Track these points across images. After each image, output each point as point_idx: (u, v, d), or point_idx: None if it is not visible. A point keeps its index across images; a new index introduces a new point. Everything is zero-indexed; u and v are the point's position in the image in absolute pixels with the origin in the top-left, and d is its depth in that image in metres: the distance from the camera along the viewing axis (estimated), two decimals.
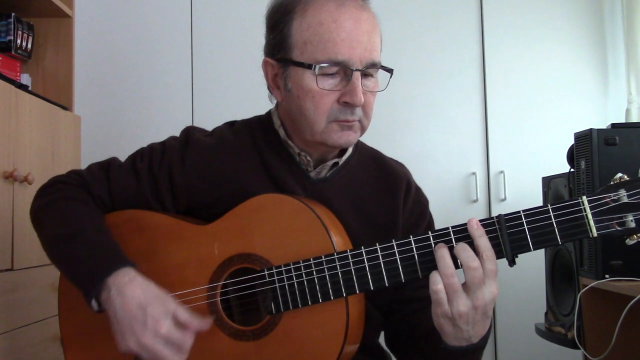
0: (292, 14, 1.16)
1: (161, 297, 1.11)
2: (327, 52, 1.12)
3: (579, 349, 1.91)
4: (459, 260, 1.01)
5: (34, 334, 1.90)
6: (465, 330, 1.02)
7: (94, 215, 1.23)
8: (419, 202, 1.31)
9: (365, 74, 1.15)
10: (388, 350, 1.34)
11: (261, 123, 1.29)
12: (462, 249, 1.01)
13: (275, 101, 1.28)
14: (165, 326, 1.08)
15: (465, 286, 1.01)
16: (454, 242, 1.03)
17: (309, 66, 1.13)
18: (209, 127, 1.33)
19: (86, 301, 1.13)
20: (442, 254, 1.01)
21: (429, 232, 1.05)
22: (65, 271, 1.21)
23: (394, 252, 1.06)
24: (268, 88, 1.25)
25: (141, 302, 1.09)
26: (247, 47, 1.39)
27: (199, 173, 1.24)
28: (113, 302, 1.10)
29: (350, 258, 1.07)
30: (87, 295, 1.13)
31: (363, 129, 1.20)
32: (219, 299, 1.15)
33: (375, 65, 1.16)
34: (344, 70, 1.13)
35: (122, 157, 1.32)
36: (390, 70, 1.18)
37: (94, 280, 1.12)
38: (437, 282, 1.01)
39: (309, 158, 1.23)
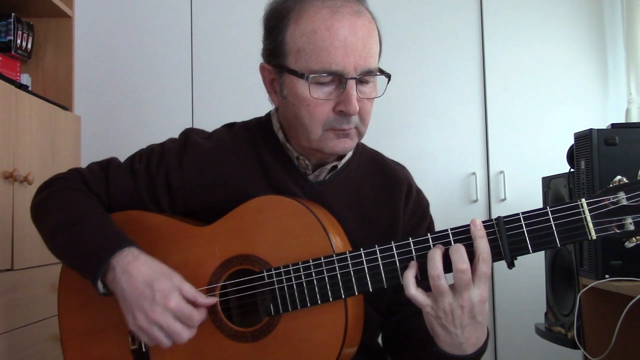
0: (286, 21, 1.14)
1: (167, 273, 1.11)
2: (320, 62, 1.09)
3: (579, 349, 1.91)
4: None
5: (34, 334, 1.90)
6: (454, 334, 1.02)
7: (94, 204, 1.23)
8: (419, 204, 1.31)
9: (361, 81, 1.12)
10: None
11: (260, 125, 1.28)
12: (455, 250, 1.00)
13: None
14: (174, 300, 1.08)
15: (452, 287, 1.00)
16: (452, 244, 1.02)
17: (302, 75, 1.11)
18: (209, 128, 1.33)
19: (92, 283, 1.13)
20: (433, 255, 1.00)
21: (428, 234, 1.04)
22: (68, 258, 1.20)
23: (393, 253, 1.05)
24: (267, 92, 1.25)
25: (147, 278, 1.09)
26: (247, 48, 1.38)
27: (196, 176, 1.23)
28: (119, 281, 1.10)
29: (349, 260, 1.07)
30: (92, 277, 1.12)
31: (360, 135, 1.18)
32: (218, 300, 1.15)
33: (371, 72, 1.13)
34: (339, 79, 1.11)
35: (122, 158, 1.32)
36: (388, 75, 1.15)
37: (98, 261, 1.11)
38: (409, 288, 1.02)
39: (307, 162, 1.23)
